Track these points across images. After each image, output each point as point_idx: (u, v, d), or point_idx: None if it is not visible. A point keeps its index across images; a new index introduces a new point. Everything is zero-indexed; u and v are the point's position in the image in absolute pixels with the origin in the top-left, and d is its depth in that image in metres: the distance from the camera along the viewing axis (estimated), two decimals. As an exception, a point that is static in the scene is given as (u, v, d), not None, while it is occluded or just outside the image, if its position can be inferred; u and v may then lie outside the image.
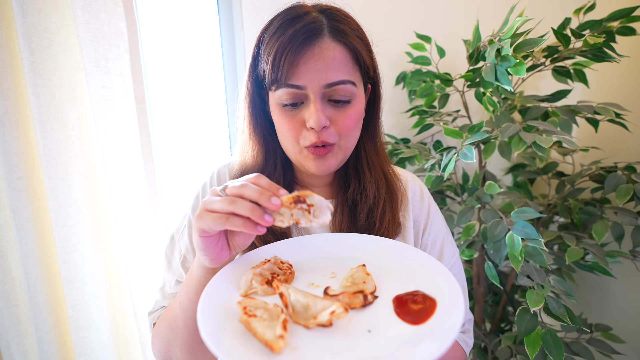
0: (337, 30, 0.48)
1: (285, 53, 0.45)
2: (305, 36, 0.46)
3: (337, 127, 0.50)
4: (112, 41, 0.73)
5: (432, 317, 0.34)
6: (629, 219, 0.78)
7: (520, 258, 0.66)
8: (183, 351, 0.50)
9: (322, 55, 0.46)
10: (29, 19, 0.67)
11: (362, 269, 0.41)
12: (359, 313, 0.36)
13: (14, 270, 0.77)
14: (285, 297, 0.36)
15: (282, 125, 0.50)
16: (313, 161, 0.51)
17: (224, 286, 0.40)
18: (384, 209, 0.55)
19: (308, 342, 0.32)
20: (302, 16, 0.48)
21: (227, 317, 0.35)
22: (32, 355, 0.80)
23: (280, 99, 0.49)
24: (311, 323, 0.33)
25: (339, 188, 0.60)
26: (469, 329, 0.62)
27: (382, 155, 0.59)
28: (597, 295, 1.09)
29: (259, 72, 0.51)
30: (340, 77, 0.47)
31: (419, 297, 0.36)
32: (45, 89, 0.71)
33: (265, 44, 0.49)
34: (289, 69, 0.46)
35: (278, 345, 0.30)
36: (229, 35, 1.01)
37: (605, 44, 0.72)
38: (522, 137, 0.71)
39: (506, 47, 0.67)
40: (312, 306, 0.35)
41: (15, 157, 0.70)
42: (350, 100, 0.50)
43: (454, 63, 1.08)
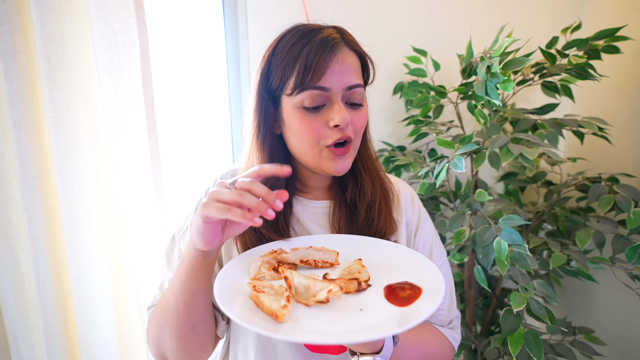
0: (350, 42, 0.55)
1: (317, 57, 0.51)
2: (332, 43, 0.52)
3: (354, 126, 0.55)
4: (124, 50, 0.77)
5: (417, 300, 0.39)
6: (610, 227, 0.82)
7: (506, 262, 0.70)
8: (172, 337, 0.52)
9: (345, 61, 0.53)
10: (47, 27, 0.71)
11: (358, 262, 0.46)
12: (354, 296, 0.42)
13: (23, 266, 0.80)
14: (289, 280, 0.42)
15: (303, 127, 0.53)
16: (333, 161, 0.55)
17: (236, 271, 0.46)
18: (380, 205, 0.60)
19: (307, 316, 0.38)
20: (321, 28, 0.54)
21: (238, 295, 0.41)
22: (38, 349, 0.83)
23: (302, 102, 0.52)
24: (311, 301, 0.39)
25: (336, 190, 0.64)
26: (457, 325, 0.65)
27: (375, 157, 0.65)
28: (582, 299, 1.14)
29: (273, 82, 0.55)
30: (357, 81, 0.54)
31: (407, 285, 0.41)
32: (59, 94, 0.74)
33: (285, 52, 0.53)
34: (320, 72, 0.51)
35: (282, 313, 0.36)
36: (234, 44, 1.05)
37: (587, 63, 0.77)
38: (510, 148, 0.75)
39: (495, 65, 0.71)
40: (312, 287, 0.40)
41: (29, 158, 0.74)
42: (362, 103, 0.56)
43: (449, 76, 1.13)
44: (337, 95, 0.53)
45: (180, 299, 0.49)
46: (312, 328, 0.36)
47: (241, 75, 1.06)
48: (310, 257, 0.48)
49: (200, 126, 1.05)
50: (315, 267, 0.49)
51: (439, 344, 0.60)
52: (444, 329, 0.63)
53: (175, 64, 0.97)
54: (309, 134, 0.53)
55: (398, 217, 0.63)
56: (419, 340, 0.57)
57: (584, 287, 1.12)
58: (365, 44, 0.59)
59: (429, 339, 0.59)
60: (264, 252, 0.49)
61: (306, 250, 0.49)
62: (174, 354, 0.54)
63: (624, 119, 0.99)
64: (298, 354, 0.56)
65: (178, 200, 1.01)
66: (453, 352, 0.63)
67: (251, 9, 0.97)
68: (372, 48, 0.61)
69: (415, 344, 0.56)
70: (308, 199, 0.63)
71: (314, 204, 0.62)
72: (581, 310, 1.14)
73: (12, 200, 0.77)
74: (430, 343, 0.59)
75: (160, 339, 0.54)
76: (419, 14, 1.09)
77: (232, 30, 1.04)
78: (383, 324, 0.37)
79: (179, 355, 0.54)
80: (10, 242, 0.77)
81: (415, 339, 0.57)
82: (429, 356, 0.58)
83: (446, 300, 0.64)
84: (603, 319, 1.06)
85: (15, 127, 0.71)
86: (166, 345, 0.53)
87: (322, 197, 0.64)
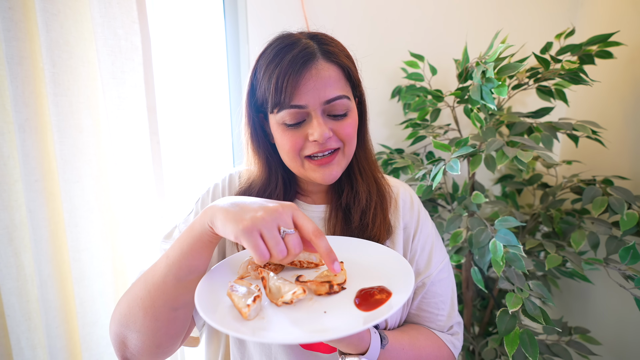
0: (328, 52, 0.53)
1: (286, 77, 0.50)
2: (302, 60, 0.50)
3: (339, 136, 0.54)
4: (128, 55, 0.79)
5: (382, 306, 0.40)
6: (604, 229, 0.84)
7: (502, 263, 0.72)
8: (147, 314, 0.47)
9: (319, 75, 0.51)
10: (52, 33, 0.73)
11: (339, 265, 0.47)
12: (324, 299, 0.43)
13: (27, 267, 0.81)
14: (265, 280, 0.44)
15: (284, 143, 0.54)
16: (317, 171, 0.55)
17: (227, 269, 0.48)
18: (375, 210, 0.60)
19: (274, 315, 0.40)
20: (295, 43, 0.52)
21: (222, 292, 0.44)
22: (40, 350, 0.84)
23: (282, 119, 0.53)
24: (279, 301, 0.41)
25: (332, 194, 0.64)
26: (458, 331, 0.64)
27: (372, 161, 0.64)
28: (578, 300, 1.15)
29: (258, 97, 0.56)
30: (337, 93, 0.52)
31: (378, 289, 0.43)
32: (63, 98, 0.76)
33: (263, 70, 0.53)
34: (292, 91, 0.50)
35: (245, 312, 0.38)
36: (235, 49, 1.07)
37: (580, 68, 0.78)
38: (506, 151, 0.77)
39: (490, 70, 0.73)
40: (282, 288, 0.43)
41: (33, 161, 0.75)
42: (346, 113, 0.55)
43: (445, 80, 1.15)
44: (315, 110, 0.52)
45: (174, 272, 0.45)
46: (273, 327, 0.38)
47: (242, 80, 1.07)
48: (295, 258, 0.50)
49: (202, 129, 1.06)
50: (301, 268, 0.50)
51: (435, 349, 0.60)
52: (442, 334, 0.63)
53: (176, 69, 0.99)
54: (289, 148, 0.54)
55: (395, 221, 0.63)
56: (412, 344, 0.57)
57: (579, 288, 1.14)
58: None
59: (423, 344, 0.59)
60: None
61: None
62: (140, 337, 0.48)
63: (617, 122, 1.01)
64: (290, 350, 0.57)
65: (179, 202, 1.02)
66: (452, 358, 0.62)
67: (252, 13, 0.99)
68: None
69: (407, 348, 0.56)
70: (307, 203, 0.64)
71: (312, 208, 0.63)
72: (577, 310, 1.16)
73: (16, 203, 0.78)
74: (424, 348, 0.58)
75: (130, 315, 0.48)
76: (417, 20, 1.11)
77: (233, 34, 1.06)
78: (343, 325, 0.38)
79: (145, 341, 0.48)
80: (14, 243, 0.78)
81: (408, 343, 0.57)
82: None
83: (446, 305, 0.63)
84: (598, 319, 1.07)
85: (20, 130, 0.73)
86: (134, 324, 0.47)
87: (320, 201, 0.65)
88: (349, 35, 1.04)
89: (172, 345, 0.52)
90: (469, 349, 1.10)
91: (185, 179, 1.05)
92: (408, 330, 0.60)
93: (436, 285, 0.63)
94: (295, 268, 0.50)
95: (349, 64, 0.55)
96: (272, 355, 0.57)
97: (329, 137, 0.53)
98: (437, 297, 0.63)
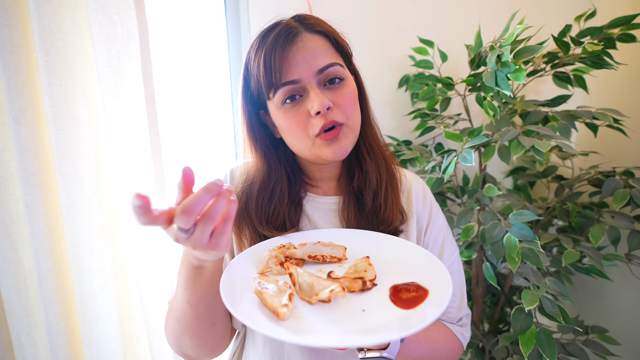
0: (310, 24, 0.53)
1: (272, 54, 0.50)
2: (285, 34, 0.51)
3: (340, 107, 0.53)
4: (124, 43, 0.76)
5: (422, 304, 0.37)
6: (626, 223, 0.79)
7: (517, 259, 0.68)
8: (193, 338, 0.53)
9: (306, 46, 0.51)
10: (45, 20, 0.70)
11: (365, 260, 0.45)
12: (358, 296, 0.41)
13: (25, 262, 0.79)
14: (294, 276, 0.41)
15: (289, 124, 0.53)
16: (328, 147, 0.53)
17: (245, 264, 0.46)
18: (387, 191, 0.59)
19: (309, 314, 0.38)
20: (276, 24, 0.53)
21: (244, 289, 0.41)
22: (41, 346, 0.82)
23: (280, 100, 0.52)
24: (314, 299, 0.38)
25: (344, 183, 0.63)
26: (467, 323, 0.64)
27: (378, 138, 0.63)
28: (594, 297, 1.11)
29: (253, 89, 0.55)
30: (328, 61, 0.52)
31: (413, 287, 0.40)
32: (58, 88, 0.73)
33: (252, 60, 0.54)
34: (281, 67, 0.50)
35: (282, 311, 0.36)
36: (236, 37, 1.03)
37: (604, 51, 0.73)
38: (521, 141, 0.72)
39: (506, 54, 0.69)
40: (316, 285, 0.40)
41: (29, 154, 0.73)
42: (343, 79, 0.53)
43: (456, 67, 1.10)
44: (310, 82, 0.51)
45: (203, 306, 0.49)
46: (313, 327, 0.36)
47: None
48: (318, 252, 0.47)
49: (202, 120, 1.03)
50: (323, 263, 0.48)
51: (447, 341, 0.60)
52: (453, 326, 0.62)
53: (176, 57, 0.95)
54: (296, 128, 0.53)
55: (409, 211, 0.62)
56: (427, 337, 0.57)
57: (595, 285, 1.09)
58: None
59: (436, 336, 0.58)
60: (273, 247, 0.49)
61: (314, 246, 0.48)
62: (196, 350, 0.55)
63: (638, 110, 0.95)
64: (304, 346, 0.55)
65: (180, 196, 1.00)
66: (462, 349, 0.62)
67: (253, 0, 0.95)
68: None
69: (422, 341, 0.55)
70: (318, 195, 0.62)
71: (324, 200, 0.62)
72: (593, 308, 1.11)
73: (13, 197, 0.76)
74: (438, 340, 0.58)
75: (180, 341, 0.54)
76: (426, 4, 1.06)
77: (234, 22, 1.02)
78: (384, 327, 0.36)
79: (200, 352, 0.55)
80: (11, 238, 0.77)
81: (423, 336, 0.56)
82: (436, 353, 0.57)
83: (456, 297, 0.62)
84: (617, 318, 1.03)
85: (14, 122, 0.70)
86: (186, 345, 0.54)
87: (332, 192, 0.63)
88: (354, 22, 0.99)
89: (224, 344, 0.58)
90: (478, 346, 1.06)
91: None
92: None
93: None
94: (317, 262, 0.48)
95: (333, 31, 0.55)
96: (284, 353, 0.56)
97: (329, 106, 0.51)
98: None
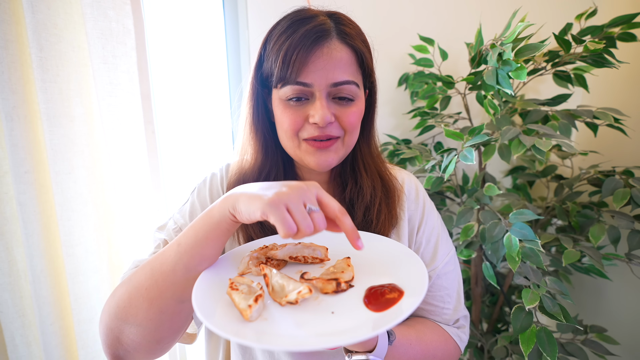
0: (344, 33, 0.50)
1: (296, 51, 0.47)
2: (315, 36, 0.48)
3: (342, 123, 0.52)
4: (119, 38, 0.74)
5: (393, 306, 0.36)
6: (626, 223, 0.79)
7: (517, 259, 0.67)
8: (152, 306, 0.43)
9: (331, 55, 0.48)
10: (38, 15, 0.68)
11: (345, 261, 0.44)
12: (331, 297, 0.40)
13: (19, 262, 0.78)
14: (267, 277, 0.41)
15: (283, 119, 0.51)
16: (313, 155, 0.52)
17: (227, 265, 0.45)
18: (380, 207, 0.57)
19: (278, 316, 0.37)
20: (311, 18, 0.50)
21: (221, 290, 0.40)
22: (35, 347, 0.81)
23: (285, 95, 0.50)
24: (283, 300, 0.38)
25: (335, 187, 0.62)
26: (464, 324, 0.63)
27: (377, 156, 0.62)
28: (592, 297, 1.11)
29: (265, 70, 0.53)
30: (346, 78, 0.50)
31: (388, 288, 0.39)
32: (52, 84, 0.72)
33: (273, 42, 0.51)
34: (299, 67, 0.48)
35: (246, 313, 0.35)
36: (234, 34, 1.02)
37: (605, 50, 0.73)
38: (522, 140, 0.72)
39: (508, 52, 0.68)
40: (286, 286, 0.39)
41: (22, 151, 0.71)
42: (353, 99, 0.52)
43: (456, 66, 1.09)
44: (320, 91, 0.49)
45: (185, 261, 0.42)
46: (279, 330, 0.35)
47: (241, 66, 1.02)
48: (299, 253, 0.47)
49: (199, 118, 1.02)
50: (305, 263, 0.47)
51: (442, 343, 0.58)
52: (449, 327, 0.61)
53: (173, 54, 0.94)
54: (288, 126, 0.51)
55: (400, 212, 0.61)
56: (419, 339, 0.55)
57: (594, 284, 1.09)
58: (367, 33, 0.55)
59: (430, 338, 0.57)
60: (256, 248, 0.48)
61: (295, 247, 0.47)
62: (140, 331, 0.43)
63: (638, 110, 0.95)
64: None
65: (177, 194, 0.99)
66: (458, 352, 0.61)
67: (251, -3, 0.93)
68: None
69: (414, 343, 0.54)
70: None
71: None
72: (591, 308, 1.11)
73: (7, 195, 0.75)
74: (431, 342, 0.57)
75: (130, 307, 0.43)
76: (425, 1, 1.05)
77: (232, 18, 1.01)
78: (353, 328, 0.34)
79: (145, 335, 0.44)
80: (5, 238, 0.75)
81: (415, 338, 0.55)
82: (429, 355, 0.55)
83: (452, 298, 0.61)
84: (615, 317, 1.03)
85: (7, 119, 0.69)
86: (135, 317, 0.43)
87: None
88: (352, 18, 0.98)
89: (172, 341, 0.49)
90: (477, 346, 1.06)
91: (183, 170, 1.01)
92: (414, 325, 0.59)
93: (442, 278, 0.61)
94: (299, 264, 0.47)
95: (363, 50, 0.52)
96: (274, 354, 0.55)
97: (331, 122, 0.50)
98: (443, 290, 0.61)
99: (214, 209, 0.42)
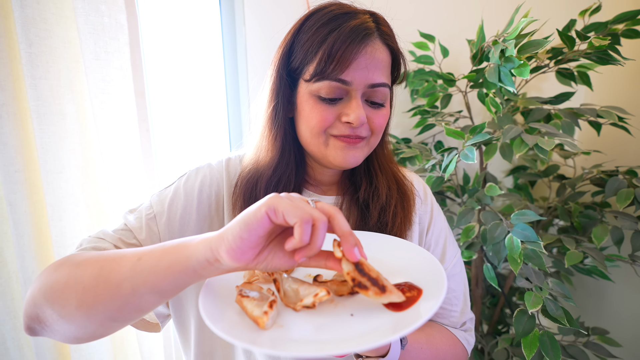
0: (384, 33, 0.49)
1: (343, 47, 0.45)
2: (364, 33, 0.46)
3: (371, 125, 0.51)
4: (112, 34, 0.72)
5: (414, 305, 0.35)
6: (629, 224, 0.77)
7: (519, 260, 0.66)
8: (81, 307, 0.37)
9: (374, 55, 0.47)
10: (28, 9, 0.66)
11: None
12: (346, 299, 0.39)
13: (10, 263, 0.76)
14: (278, 282, 0.39)
15: (313, 116, 0.49)
16: (342, 150, 0.50)
17: (231, 274, 0.43)
18: (395, 209, 0.56)
19: (294, 321, 0.35)
20: (356, 14, 0.48)
21: (228, 298, 0.38)
22: (27, 350, 0.80)
23: (318, 91, 0.48)
24: (298, 305, 0.36)
25: (345, 187, 0.60)
26: (470, 327, 0.62)
27: (391, 158, 0.61)
28: (594, 298, 1.09)
29: (294, 60, 0.50)
30: (383, 80, 0.49)
31: (406, 287, 0.37)
32: (43, 81, 0.70)
33: (312, 32, 0.47)
34: (343, 64, 0.45)
35: (262, 320, 0.33)
36: (230, 30, 1.00)
37: (610, 46, 0.71)
38: (524, 139, 0.70)
39: (510, 48, 0.66)
40: (301, 291, 0.38)
41: (12, 150, 0.69)
42: (383, 103, 0.51)
43: (457, 63, 1.07)
44: (357, 91, 0.48)
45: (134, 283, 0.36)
46: (297, 336, 0.33)
47: (238, 63, 1.00)
48: None
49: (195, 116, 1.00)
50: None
51: (450, 346, 0.57)
52: (456, 330, 0.60)
53: (168, 50, 0.92)
54: (317, 122, 0.49)
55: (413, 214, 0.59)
56: (429, 342, 0.54)
57: (596, 286, 1.08)
58: None
59: (439, 341, 0.56)
60: None
61: None
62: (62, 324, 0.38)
63: (642, 108, 0.94)
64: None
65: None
66: (466, 355, 0.60)
67: (248, -8, 0.91)
68: None
69: (424, 346, 0.53)
70: (317, 194, 0.59)
71: (322, 199, 0.58)
72: (593, 309, 1.10)
73: (-4, 195, 0.73)
74: (440, 345, 0.56)
75: (61, 296, 0.38)
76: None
77: (229, 15, 0.99)
78: (374, 331, 0.33)
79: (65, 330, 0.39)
80: (-6, 238, 0.74)
81: (425, 341, 0.54)
82: (439, 359, 0.55)
83: (459, 301, 0.60)
84: (618, 319, 1.01)
85: (-4, 116, 0.67)
86: (61, 309, 0.37)
87: (331, 193, 0.60)
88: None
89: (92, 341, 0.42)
90: (477, 348, 1.05)
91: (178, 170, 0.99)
92: (423, 328, 0.58)
93: (449, 280, 0.60)
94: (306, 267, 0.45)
95: (399, 51, 0.52)
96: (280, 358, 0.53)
97: (364, 122, 0.49)
98: (450, 292, 0.60)
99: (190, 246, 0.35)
